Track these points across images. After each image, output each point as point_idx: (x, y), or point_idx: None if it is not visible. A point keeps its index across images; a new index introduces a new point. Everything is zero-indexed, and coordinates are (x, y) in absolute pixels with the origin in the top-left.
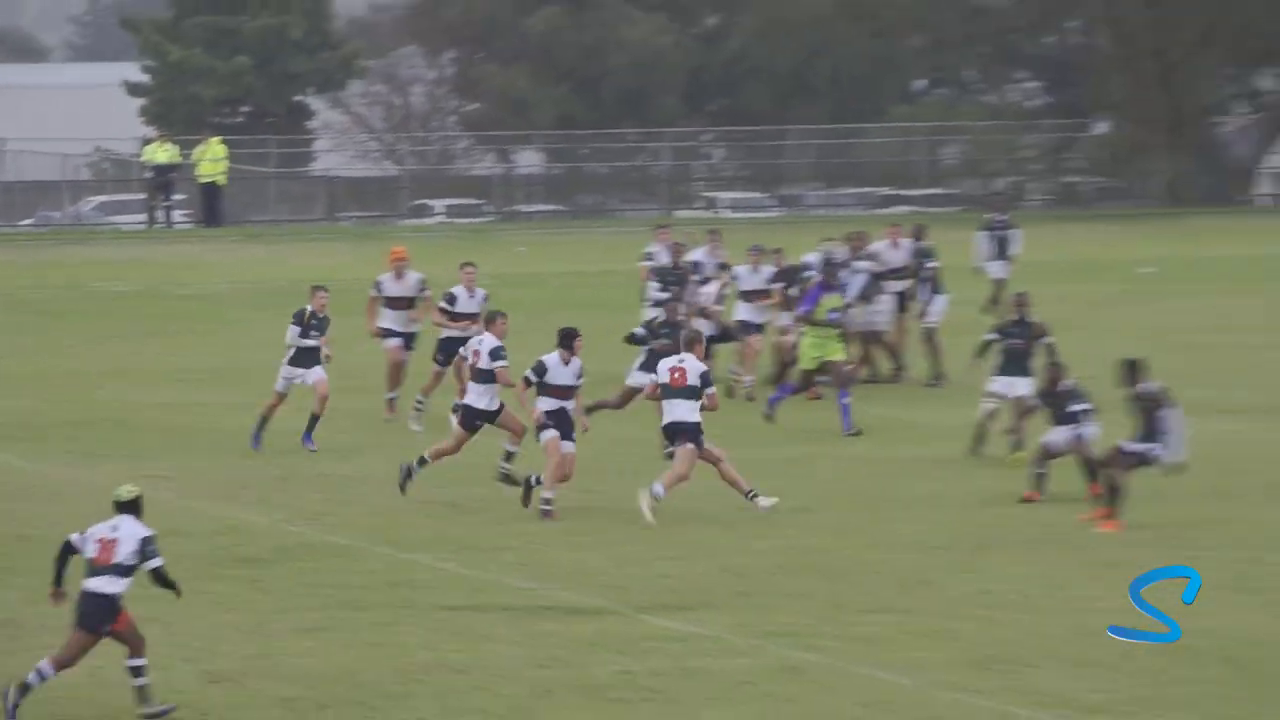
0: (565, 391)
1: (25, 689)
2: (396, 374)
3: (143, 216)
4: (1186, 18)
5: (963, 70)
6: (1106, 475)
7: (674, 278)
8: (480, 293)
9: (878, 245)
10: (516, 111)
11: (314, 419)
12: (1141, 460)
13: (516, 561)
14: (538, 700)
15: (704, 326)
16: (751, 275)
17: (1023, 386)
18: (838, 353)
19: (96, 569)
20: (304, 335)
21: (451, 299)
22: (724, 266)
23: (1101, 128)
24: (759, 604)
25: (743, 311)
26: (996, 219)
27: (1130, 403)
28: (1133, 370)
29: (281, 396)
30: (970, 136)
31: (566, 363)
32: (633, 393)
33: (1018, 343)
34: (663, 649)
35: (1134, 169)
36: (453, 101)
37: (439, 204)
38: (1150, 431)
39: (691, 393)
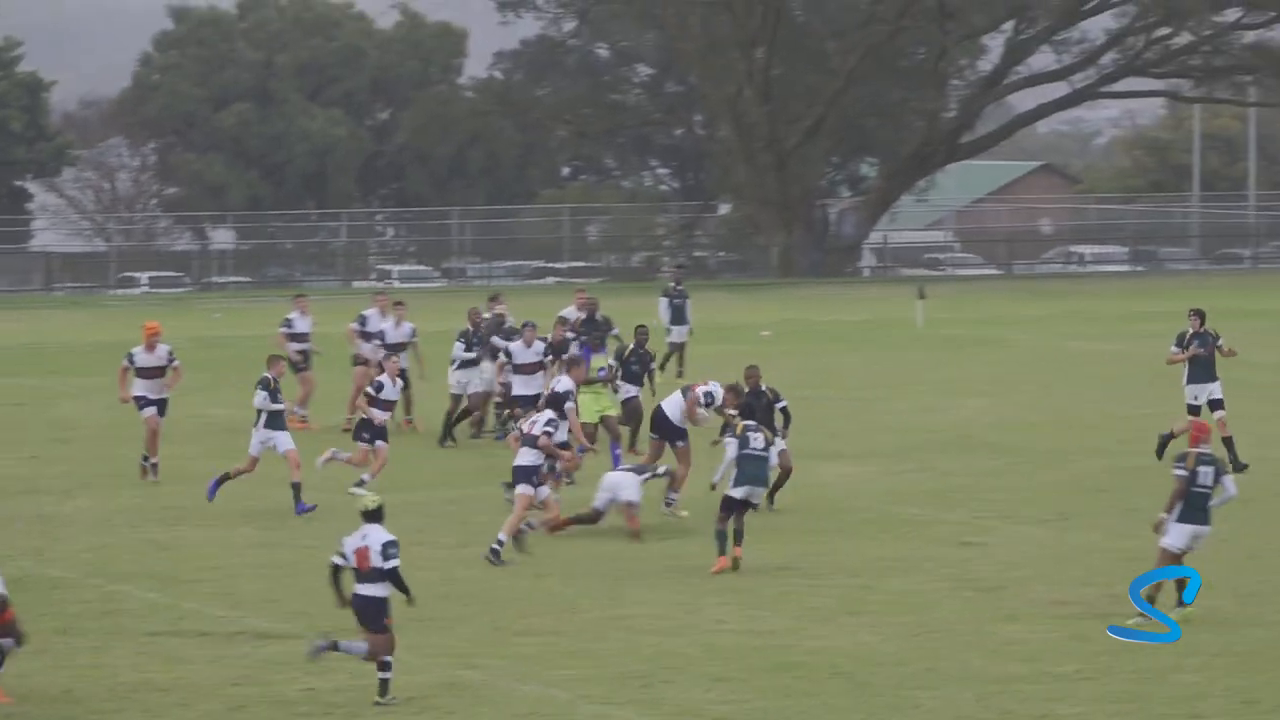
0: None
1: (334, 647)
2: (154, 439)
3: None
4: (798, 114)
5: (603, 158)
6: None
7: (477, 339)
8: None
9: (568, 310)
10: (211, 194)
11: (296, 487)
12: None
13: (212, 592)
14: (232, 714)
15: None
16: (525, 351)
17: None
18: (610, 407)
19: (360, 575)
20: (273, 400)
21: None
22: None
23: (724, 208)
24: (426, 628)
25: (518, 385)
26: (675, 288)
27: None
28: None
29: (255, 461)
30: (611, 216)
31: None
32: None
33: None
34: (342, 667)
35: (752, 244)
36: (155, 186)
37: (144, 276)
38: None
39: None
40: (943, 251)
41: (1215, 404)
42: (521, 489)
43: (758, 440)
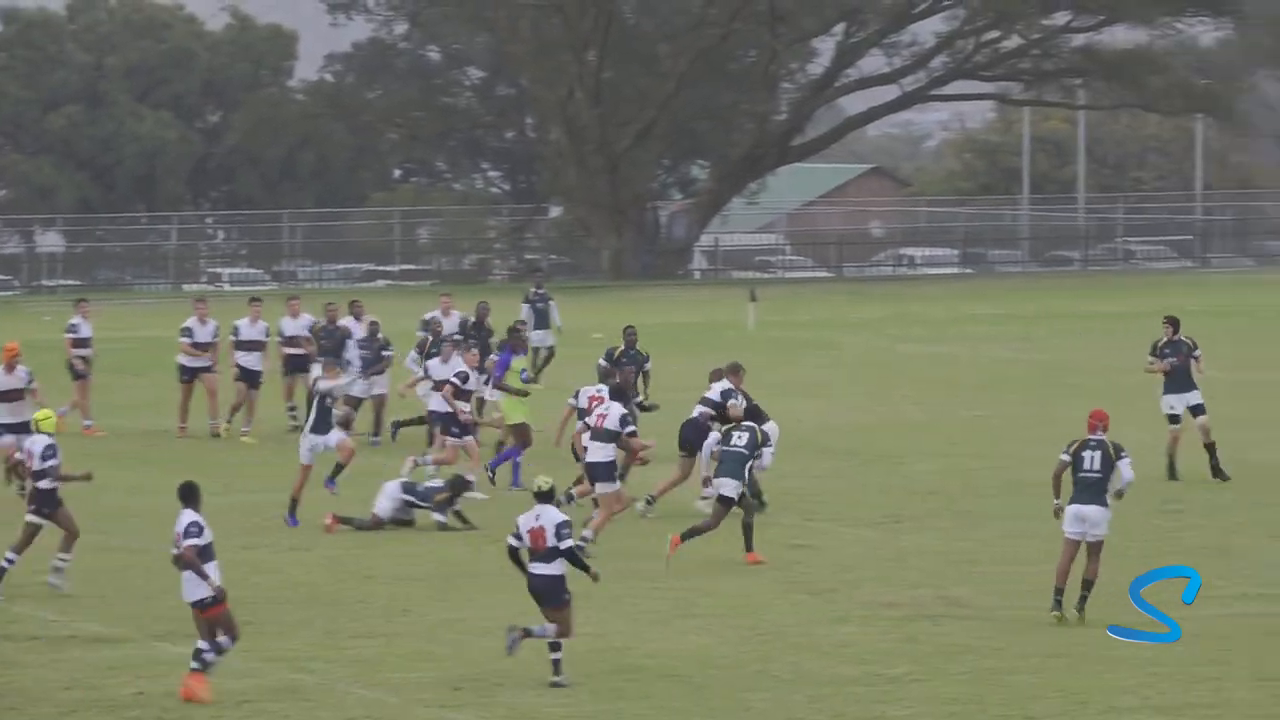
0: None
1: (528, 633)
2: (10, 467)
3: None
4: (629, 116)
5: (435, 161)
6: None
7: (436, 349)
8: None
9: (434, 313)
10: (40, 196)
11: (339, 467)
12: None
13: (44, 595)
14: (64, 718)
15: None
16: (442, 367)
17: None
18: (525, 413)
19: (534, 555)
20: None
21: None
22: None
23: (555, 211)
24: (260, 631)
25: (436, 402)
26: (536, 292)
27: None
28: None
29: (308, 468)
30: (442, 219)
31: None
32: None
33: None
34: (175, 672)
35: (583, 247)
36: None
37: None
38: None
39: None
40: (774, 254)
41: (1196, 409)
42: (603, 486)
43: (739, 439)
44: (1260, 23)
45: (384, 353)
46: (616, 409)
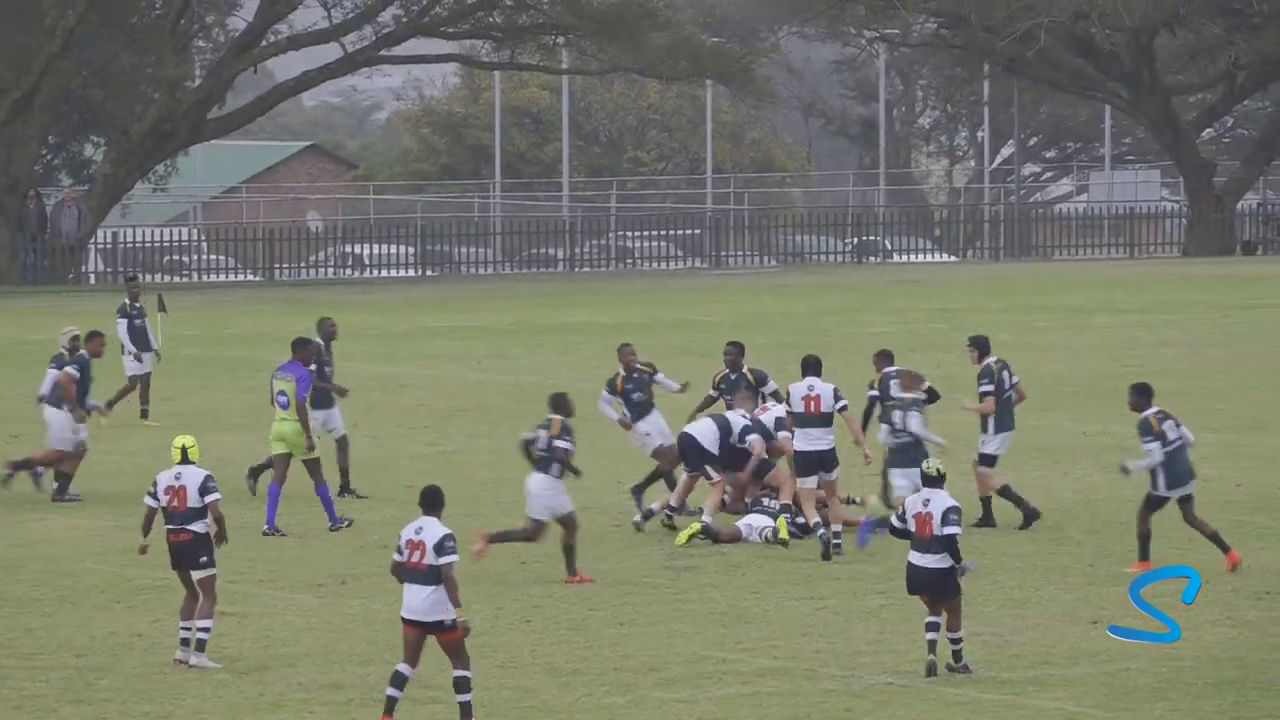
0: None
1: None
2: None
3: None
4: (5, 82)
5: None
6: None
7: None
8: None
9: None
10: None
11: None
12: None
13: None
14: None
15: None
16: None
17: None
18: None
19: (916, 544)
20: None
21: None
22: None
23: None
24: None
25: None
26: (134, 305)
27: None
28: None
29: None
30: None
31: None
32: None
33: (641, 395)
34: None
35: None
36: None
37: None
38: None
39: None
40: (188, 253)
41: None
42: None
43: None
44: None
45: None
46: (827, 386)
